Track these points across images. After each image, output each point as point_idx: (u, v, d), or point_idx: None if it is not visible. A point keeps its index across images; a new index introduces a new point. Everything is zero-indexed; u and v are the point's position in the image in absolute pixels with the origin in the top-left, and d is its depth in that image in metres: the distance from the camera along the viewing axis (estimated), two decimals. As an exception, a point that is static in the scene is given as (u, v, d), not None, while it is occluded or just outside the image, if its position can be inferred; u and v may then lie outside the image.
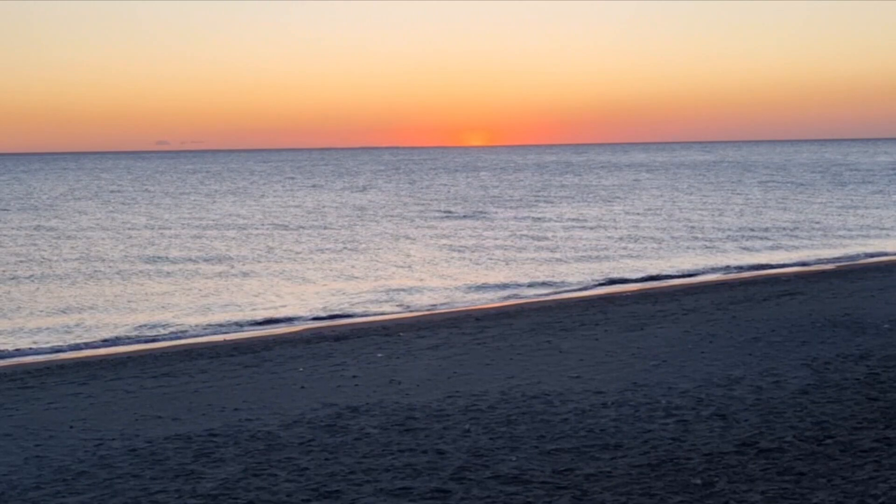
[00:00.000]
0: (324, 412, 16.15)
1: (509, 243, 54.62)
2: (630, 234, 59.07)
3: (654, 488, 11.45)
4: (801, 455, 12.45)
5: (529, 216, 73.43)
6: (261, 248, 52.98)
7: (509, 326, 25.72)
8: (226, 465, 13.13)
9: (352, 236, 59.35)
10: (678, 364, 19.00)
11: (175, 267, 45.16)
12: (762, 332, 22.23)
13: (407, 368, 20.07)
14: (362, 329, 27.54)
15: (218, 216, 77.18)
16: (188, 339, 28.57)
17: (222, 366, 21.74)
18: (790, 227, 62.24)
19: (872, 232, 59.35)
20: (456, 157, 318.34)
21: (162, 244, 55.57)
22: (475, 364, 20.14)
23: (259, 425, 15.38)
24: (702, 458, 12.57)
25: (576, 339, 22.92)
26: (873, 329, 22.05)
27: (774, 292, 30.40)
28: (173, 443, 14.49)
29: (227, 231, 63.72)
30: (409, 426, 14.93)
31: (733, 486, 11.33)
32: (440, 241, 56.02)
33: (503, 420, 15.07)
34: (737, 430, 13.92)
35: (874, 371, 17.46)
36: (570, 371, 18.79)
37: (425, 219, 72.29)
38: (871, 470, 11.61)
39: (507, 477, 12.12)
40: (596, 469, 12.30)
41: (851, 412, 14.57)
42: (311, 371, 20.33)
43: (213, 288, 38.53)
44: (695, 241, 54.87)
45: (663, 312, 26.85)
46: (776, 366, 18.34)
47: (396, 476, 12.32)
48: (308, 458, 13.37)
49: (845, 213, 71.96)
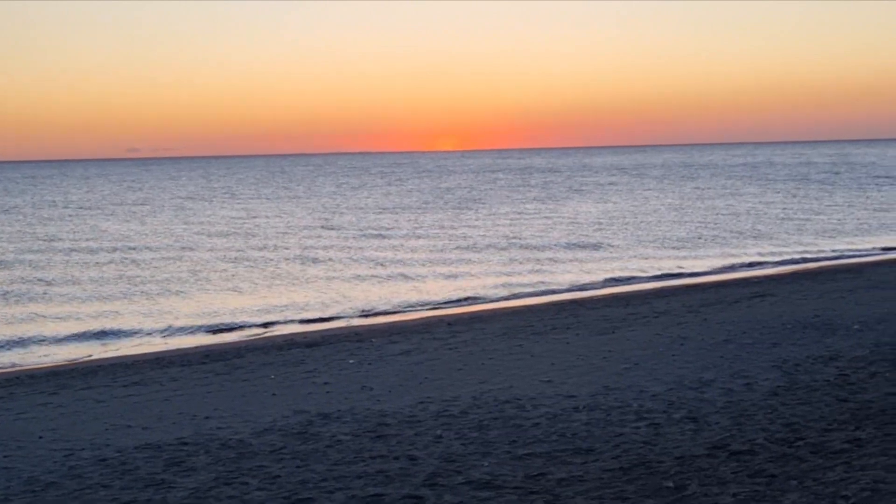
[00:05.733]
0: (295, 419, 16.08)
1: (461, 246, 54.63)
2: (596, 237, 59.16)
3: (626, 492, 11.45)
4: (773, 457, 12.47)
5: (488, 219, 73.47)
6: (232, 255, 52.80)
7: (481, 331, 25.70)
8: (197, 474, 13.04)
9: (313, 244, 59.23)
10: (649, 367, 19.03)
11: (145, 273, 44.96)
12: (733, 335, 22.30)
13: (379, 374, 20.02)
14: (334, 335, 27.47)
15: (192, 224, 76.91)
16: (157, 346, 28.44)
17: (193, 374, 21.63)
18: (760, 228, 62.48)
19: (844, 231, 59.66)
20: (428, 161, 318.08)
21: (134, 252, 55.34)
22: (447, 369, 20.12)
23: (230, 433, 15.30)
24: (673, 461, 12.58)
25: (547, 342, 22.92)
26: (843, 330, 22.15)
27: (745, 294, 30.51)
28: (143, 452, 14.40)
29: (200, 238, 63.48)
30: (381, 432, 14.88)
31: (705, 489, 11.34)
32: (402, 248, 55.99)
33: (475, 425, 15.04)
34: (708, 432, 13.94)
35: (844, 372, 17.53)
36: (541, 375, 18.79)
37: (398, 223, 72.23)
38: (841, 471, 11.64)
39: (480, 482, 12.09)
40: (568, 473, 12.29)
41: (822, 414, 14.62)
42: (283, 378, 20.26)
43: (182, 295, 38.35)
44: (665, 243, 55.00)
45: (634, 315, 26.89)
46: (747, 368, 18.39)
47: (368, 483, 12.27)
48: (279, 465, 13.30)
49: (820, 213, 72.33)
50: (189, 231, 68.86)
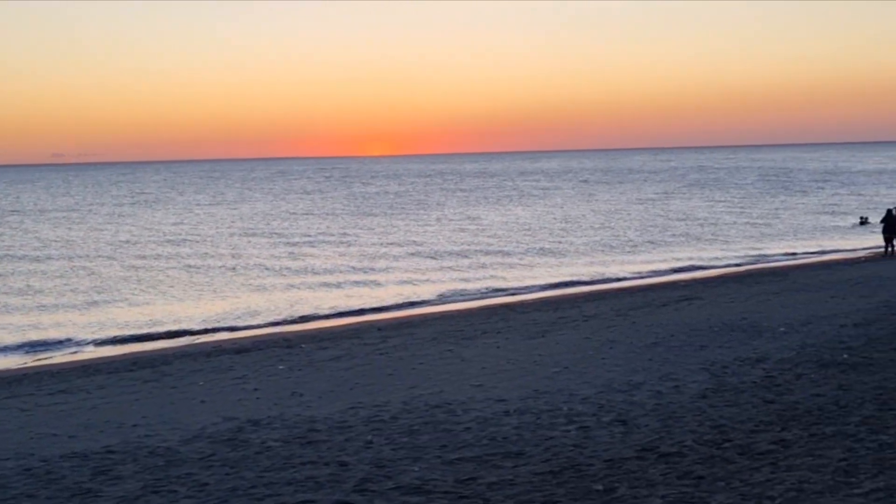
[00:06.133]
0: (224, 426, 15.95)
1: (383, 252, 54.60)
2: (526, 241, 59.38)
3: (556, 495, 11.47)
4: (701, 459, 12.57)
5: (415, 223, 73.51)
6: (161, 262, 52.32)
7: (411, 336, 25.68)
8: (124, 483, 12.88)
9: (244, 250, 58.89)
10: (579, 370, 19.11)
11: (74, 281, 44.41)
12: (661, 337, 22.47)
13: (309, 380, 19.93)
14: (264, 341, 27.30)
15: (122, 231, 76.11)
16: (86, 354, 28.10)
17: (120, 381, 21.39)
18: (688, 232, 63.08)
19: (768, 234, 60.41)
20: (359, 166, 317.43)
21: (64, 261, 54.64)
22: (377, 374, 20.07)
23: (158, 441, 15.14)
24: (603, 464, 12.63)
25: (478, 347, 22.95)
26: (769, 332, 22.40)
27: (673, 297, 30.76)
28: (69, 461, 14.19)
29: (128, 245, 62.86)
30: (311, 438, 14.80)
31: (634, 492, 11.40)
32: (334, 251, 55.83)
33: (406, 430, 15.01)
34: (637, 435, 14.02)
35: (770, 374, 17.73)
36: (472, 379, 18.80)
37: (329, 229, 72.00)
38: (768, 472, 11.75)
39: (410, 487, 12.06)
40: (498, 477, 12.29)
41: (749, 415, 14.76)
42: (212, 385, 20.09)
43: (111, 303, 37.94)
44: (594, 247, 55.34)
45: (564, 319, 27.01)
46: (675, 370, 18.53)
47: (298, 489, 12.19)
48: (209, 473, 13.18)
49: (747, 217, 73.17)
50: (118, 238, 68.17)
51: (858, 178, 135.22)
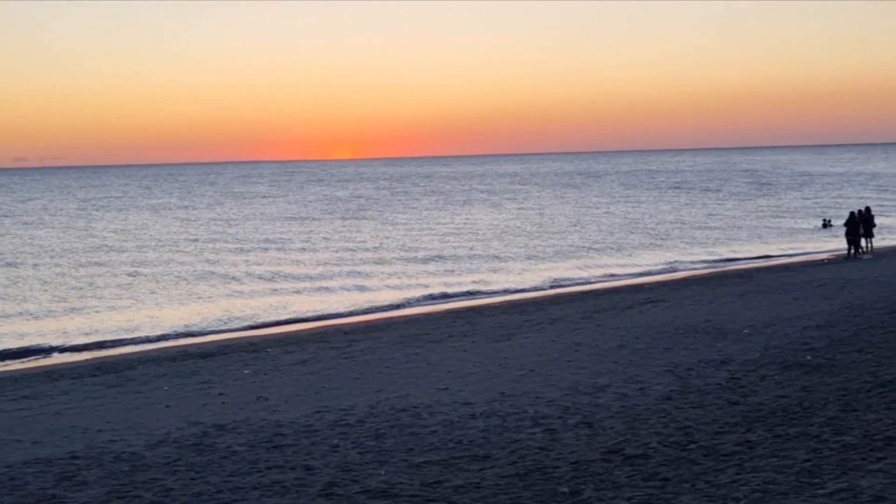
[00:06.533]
0: (190, 431, 15.88)
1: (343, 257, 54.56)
2: (494, 246, 59.47)
3: (523, 498, 11.50)
4: (666, 460, 12.63)
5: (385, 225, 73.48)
6: (126, 267, 52.07)
7: (378, 339, 25.66)
8: (89, 489, 12.80)
9: (209, 256, 58.71)
10: (545, 373, 19.15)
11: (38, 287, 44.13)
12: (626, 340, 22.55)
13: (274, 384, 19.87)
14: (229, 346, 27.21)
15: (87, 237, 75.69)
16: (49, 359, 27.92)
17: (85, 386, 21.25)
18: (653, 234, 63.34)
19: (733, 237, 60.73)
20: (322, 169, 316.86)
21: (26, 268, 54.30)
22: (343, 378, 20.04)
23: (123, 446, 15.06)
24: (569, 466, 12.66)
25: (444, 350, 22.96)
26: (734, 334, 22.53)
27: (638, 300, 30.88)
28: (33, 467, 14.08)
29: (95, 252, 62.53)
30: (277, 443, 14.77)
31: (600, 494, 11.43)
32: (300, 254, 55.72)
33: (372, 434, 15.00)
34: (603, 437, 14.07)
35: (735, 375, 17.83)
36: (438, 383, 18.81)
37: (294, 233, 71.84)
38: (733, 473, 11.82)
39: (376, 491, 12.05)
40: (465, 481, 12.30)
41: (714, 417, 14.84)
42: (177, 389, 20.00)
43: (76, 310, 37.74)
44: (560, 251, 55.47)
45: (530, 322, 27.06)
46: (640, 373, 18.61)
47: (264, 494, 12.16)
48: (174, 478, 13.12)
49: (711, 220, 73.54)
50: (84, 243, 67.77)
51: (822, 181, 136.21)
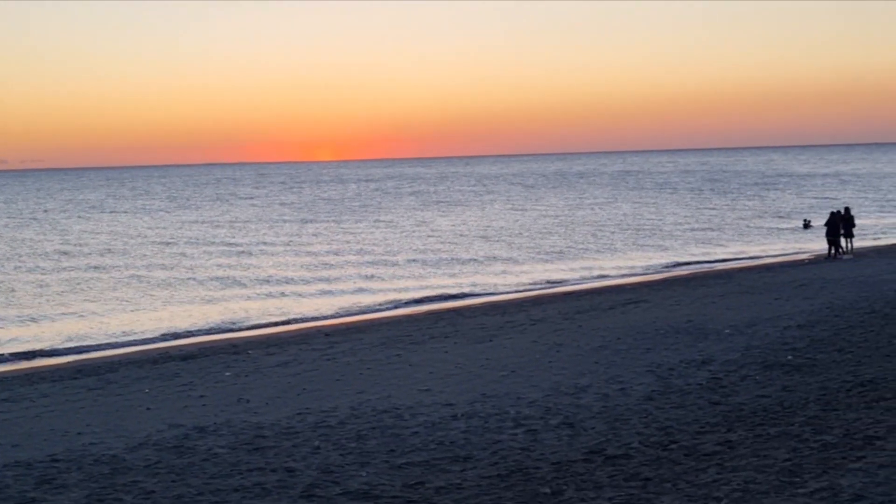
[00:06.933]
0: (170, 433, 15.84)
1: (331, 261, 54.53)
2: (476, 247, 59.48)
3: (504, 499, 11.50)
4: (647, 461, 12.65)
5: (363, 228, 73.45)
6: (108, 270, 51.91)
7: (359, 341, 25.64)
8: (69, 492, 12.75)
9: (191, 259, 58.60)
10: (526, 374, 19.16)
11: (16, 290, 43.97)
12: (608, 341, 22.58)
13: (256, 386, 19.83)
14: (210, 348, 27.15)
15: (67, 241, 75.47)
16: (30, 362, 27.79)
17: (65, 389, 21.17)
18: (634, 234, 63.44)
19: (714, 237, 60.88)
20: (304, 171, 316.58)
21: (5, 272, 54.10)
22: (325, 380, 20.02)
23: (103, 449, 15.01)
24: (550, 466, 12.67)
25: (426, 352, 22.95)
26: (715, 334, 22.58)
27: (619, 301, 30.92)
28: (13, 470, 14.02)
29: (75, 257, 62.33)
30: (258, 445, 14.74)
31: (581, 494, 11.44)
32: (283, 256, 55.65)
33: (353, 435, 14.99)
34: (584, 437, 14.08)
35: (716, 376, 17.87)
36: (419, 384, 18.81)
37: (277, 235, 71.75)
38: (714, 473, 11.84)
39: (358, 493, 12.04)
40: (446, 482, 12.30)
41: (695, 417, 14.88)
42: (158, 392, 19.95)
43: (57, 314, 37.59)
44: (541, 251, 55.51)
45: (511, 323, 27.06)
46: (622, 373, 18.63)
47: (246, 496, 12.14)
48: (154, 480, 13.08)
49: (693, 220, 73.69)
50: (66, 247, 67.45)
51: (802, 182, 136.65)
